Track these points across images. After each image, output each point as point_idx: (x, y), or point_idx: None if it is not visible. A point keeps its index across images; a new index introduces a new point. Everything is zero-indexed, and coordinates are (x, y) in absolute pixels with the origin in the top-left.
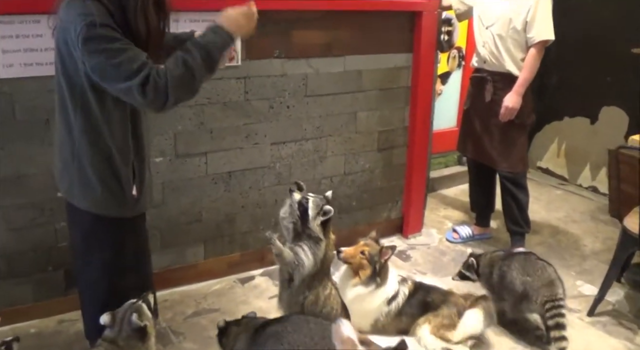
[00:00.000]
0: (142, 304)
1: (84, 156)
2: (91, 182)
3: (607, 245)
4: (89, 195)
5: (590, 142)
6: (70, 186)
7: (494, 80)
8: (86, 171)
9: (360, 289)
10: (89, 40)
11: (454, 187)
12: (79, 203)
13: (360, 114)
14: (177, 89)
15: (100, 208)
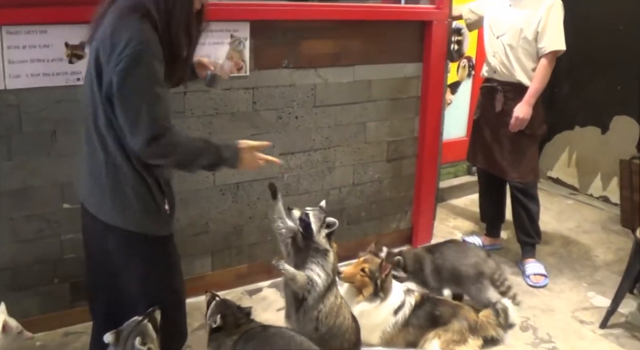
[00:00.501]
0: (148, 324)
1: (120, 171)
2: (126, 198)
3: (619, 256)
4: (124, 211)
5: (601, 152)
6: (101, 202)
7: (505, 90)
8: (121, 186)
9: (364, 305)
10: (132, 68)
11: (464, 197)
12: (110, 219)
13: (370, 124)
14: (170, 160)
15: (135, 224)
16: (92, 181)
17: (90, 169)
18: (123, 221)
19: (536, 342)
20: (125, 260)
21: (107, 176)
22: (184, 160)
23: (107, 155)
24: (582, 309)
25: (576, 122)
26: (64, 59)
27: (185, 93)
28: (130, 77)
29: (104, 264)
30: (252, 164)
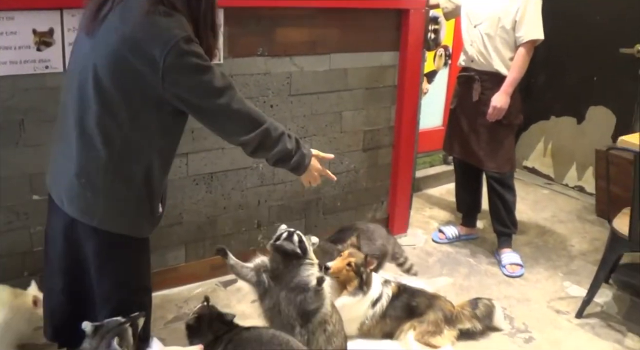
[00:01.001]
0: (129, 328)
1: (123, 171)
2: (124, 202)
3: (595, 246)
4: (118, 215)
5: (576, 142)
6: (92, 205)
7: (482, 79)
8: (122, 190)
9: (347, 299)
10: (184, 55)
11: (440, 186)
12: (99, 223)
13: (346, 114)
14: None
15: (128, 227)
16: (81, 183)
17: (79, 169)
18: (115, 225)
19: (512, 332)
20: (105, 262)
21: (105, 176)
22: (271, 137)
23: (110, 154)
24: (558, 299)
25: (552, 112)
26: (32, 46)
27: None
28: (185, 72)
29: (71, 268)
30: (314, 174)
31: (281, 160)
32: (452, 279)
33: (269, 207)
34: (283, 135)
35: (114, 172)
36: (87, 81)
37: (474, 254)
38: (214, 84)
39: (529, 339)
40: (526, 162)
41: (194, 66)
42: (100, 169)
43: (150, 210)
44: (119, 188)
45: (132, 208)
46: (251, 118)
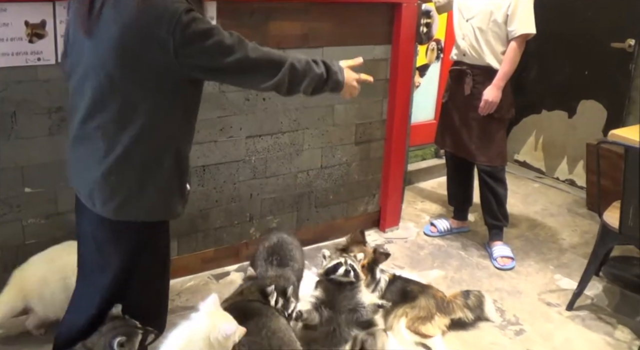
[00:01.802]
0: (140, 335)
1: (153, 159)
2: (156, 186)
3: (585, 239)
4: (155, 202)
5: (568, 136)
6: (127, 200)
7: (474, 73)
8: (152, 175)
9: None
10: (190, 26)
11: (432, 180)
12: (137, 216)
13: (338, 107)
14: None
15: (163, 213)
16: (110, 181)
17: (107, 169)
18: (154, 214)
19: (503, 325)
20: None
21: (137, 172)
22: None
23: (138, 149)
24: (548, 292)
25: (543, 106)
26: (24, 38)
27: None
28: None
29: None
30: (352, 85)
31: (317, 88)
32: (443, 272)
33: (261, 200)
34: (309, 64)
35: (144, 163)
36: (99, 82)
37: (465, 247)
38: (226, 42)
39: (519, 331)
40: (517, 156)
41: (201, 33)
42: (130, 164)
43: (181, 191)
44: (151, 177)
45: (166, 193)
46: (273, 62)
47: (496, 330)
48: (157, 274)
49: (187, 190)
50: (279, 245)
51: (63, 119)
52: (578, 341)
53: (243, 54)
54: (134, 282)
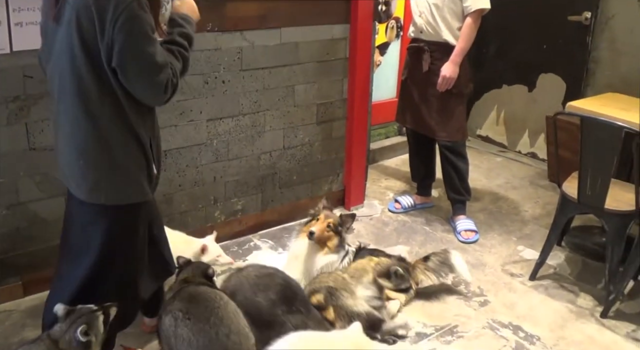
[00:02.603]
0: (100, 316)
1: (114, 142)
2: (122, 168)
3: (547, 210)
4: (123, 183)
5: (528, 110)
6: (97, 182)
7: (431, 50)
8: (116, 158)
9: (332, 256)
10: (131, 20)
11: (395, 157)
12: (107, 198)
13: (298, 87)
14: (178, 83)
15: (132, 194)
16: (80, 165)
17: (77, 152)
18: (122, 196)
19: (468, 296)
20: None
21: (102, 151)
22: (182, 71)
23: (98, 129)
24: (512, 263)
25: (504, 80)
26: None
27: None
28: (133, 37)
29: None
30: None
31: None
32: (408, 247)
33: (224, 183)
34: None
35: (107, 148)
36: (62, 66)
37: (429, 222)
38: (156, 58)
39: (484, 302)
40: (480, 131)
41: (141, 33)
42: (95, 147)
43: (149, 173)
44: (116, 160)
45: (133, 177)
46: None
47: (461, 302)
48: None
49: (154, 173)
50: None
51: (21, 108)
52: (541, 309)
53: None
54: (117, 262)
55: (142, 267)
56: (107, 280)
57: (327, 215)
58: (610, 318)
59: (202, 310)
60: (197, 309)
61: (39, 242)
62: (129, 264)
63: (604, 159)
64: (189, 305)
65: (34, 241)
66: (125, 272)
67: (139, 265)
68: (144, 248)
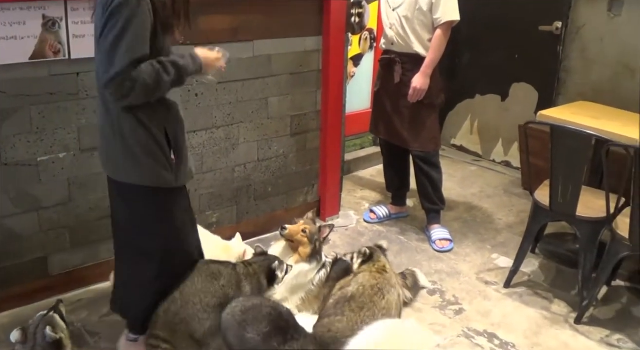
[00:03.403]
0: (55, 315)
1: (125, 128)
2: (135, 153)
3: (521, 218)
4: (135, 166)
5: (501, 119)
6: (117, 163)
7: (402, 61)
8: (128, 143)
9: (304, 265)
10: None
11: (370, 168)
12: (127, 177)
13: (272, 100)
14: (139, 95)
15: (147, 177)
16: (105, 146)
17: (102, 136)
18: (137, 177)
19: (443, 305)
20: (145, 216)
21: (115, 136)
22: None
23: (111, 116)
24: (486, 271)
25: (477, 90)
26: None
27: (78, 74)
28: (114, 19)
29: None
30: (211, 58)
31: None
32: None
33: (199, 195)
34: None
35: (120, 130)
36: (95, 58)
37: (404, 231)
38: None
39: (459, 311)
40: (454, 140)
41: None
42: (110, 131)
43: (166, 160)
44: (126, 143)
45: (144, 159)
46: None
47: (436, 311)
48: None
49: (172, 161)
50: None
51: None
52: (516, 317)
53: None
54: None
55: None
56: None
57: (306, 222)
58: (585, 324)
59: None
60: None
61: (14, 258)
62: (162, 252)
63: (575, 167)
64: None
65: (9, 257)
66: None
67: (178, 258)
68: (182, 234)
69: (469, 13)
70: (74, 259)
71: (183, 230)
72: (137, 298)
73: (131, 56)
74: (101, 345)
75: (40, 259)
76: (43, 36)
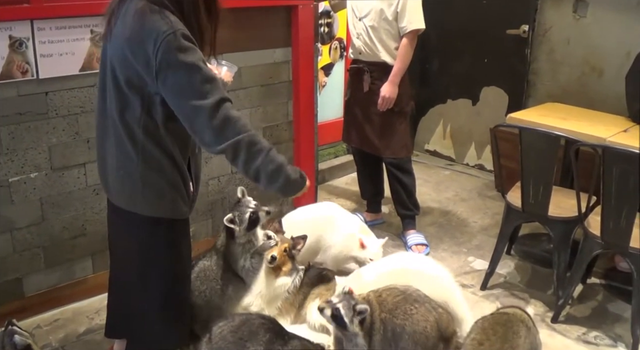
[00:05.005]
0: (14, 328)
1: (151, 160)
2: (159, 186)
3: (496, 220)
4: (157, 199)
5: (473, 122)
6: (135, 195)
7: (371, 70)
8: (153, 175)
9: (286, 279)
10: (172, 51)
11: (345, 176)
12: (146, 210)
13: (243, 112)
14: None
15: (168, 210)
16: (120, 175)
17: (117, 163)
18: (155, 209)
19: None
20: (155, 248)
21: (138, 166)
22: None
23: (136, 146)
24: (463, 274)
25: (448, 95)
26: None
27: (47, 93)
28: (183, 62)
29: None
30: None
31: (269, 175)
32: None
33: None
34: (269, 150)
35: (144, 161)
36: (109, 83)
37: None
38: (199, 84)
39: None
40: (427, 146)
41: (181, 63)
42: (132, 161)
43: (186, 191)
44: (151, 175)
45: (168, 191)
46: (231, 125)
47: None
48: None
49: (191, 193)
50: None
51: None
52: None
53: (209, 103)
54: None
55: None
56: (148, 294)
57: (282, 240)
58: (561, 322)
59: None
60: None
61: None
62: (170, 281)
63: (544, 167)
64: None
65: None
66: (167, 290)
67: (184, 286)
68: (187, 268)
69: (437, 20)
70: (49, 279)
71: (187, 256)
72: (143, 326)
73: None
74: None
75: (15, 280)
76: (10, 57)
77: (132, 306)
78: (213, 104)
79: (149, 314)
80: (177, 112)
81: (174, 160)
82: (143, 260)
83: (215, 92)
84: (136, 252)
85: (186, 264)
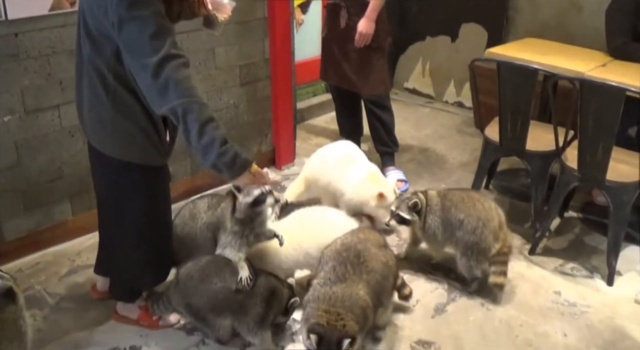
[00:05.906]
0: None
1: (122, 104)
2: (130, 131)
3: (474, 157)
4: (128, 144)
5: (452, 60)
6: (105, 137)
7: (348, 6)
8: (124, 120)
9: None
10: (124, 3)
11: (324, 115)
12: (116, 153)
13: (219, 50)
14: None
15: (138, 156)
16: (92, 117)
17: (90, 105)
18: (125, 154)
19: (400, 244)
20: (127, 190)
21: (115, 114)
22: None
23: (108, 96)
24: None
25: (427, 32)
26: None
27: (16, 34)
28: (132, 17)
29: (106, 194)
30: (250, 179)
31: (201, 150)
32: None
33: None
34: (206, 122)
35: (115, 106)
36: (82, 28)
37: None
38: (148, 38)
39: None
40: (407, 84)
41: (132, 16)
42: (104, 104)
43: (159, 140)
44: (122, 120)
45: (139, 138)
46: (171, 87)
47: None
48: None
49: (166, 142)
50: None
51: None
52: None
53: (158, 62)
54: (128, 219)
55: (165, 233)
56: (123, 233)
57: None
58: (538, 255)
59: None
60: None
61: None
62: (144, 223)
63: (522, 102)
64: None
65: None
66: (141, 231)
67: (161, 229)
68: (164, 212)
69: None
70: (28, 222)
71: (163, 203)
72: (120, 264)
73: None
74: (62, 305)
75: None
76: None
77: (111, 244)
78: (157, 62)
79: (125, 253)
80: (129, 68)
81: (147, 108)
82: (116, 200)
83: (163, 49)
84: (109, 191)
85: (161, 208)
